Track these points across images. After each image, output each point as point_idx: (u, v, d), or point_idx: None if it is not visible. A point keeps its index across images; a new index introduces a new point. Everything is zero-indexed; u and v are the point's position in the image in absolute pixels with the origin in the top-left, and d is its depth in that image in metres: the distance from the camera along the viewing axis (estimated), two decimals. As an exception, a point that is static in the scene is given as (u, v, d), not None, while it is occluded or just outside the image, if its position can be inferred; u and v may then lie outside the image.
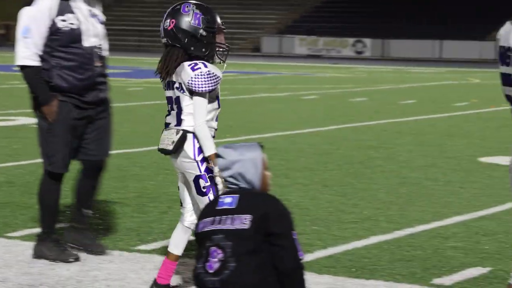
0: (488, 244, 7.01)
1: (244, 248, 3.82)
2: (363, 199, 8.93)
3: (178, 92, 5.37)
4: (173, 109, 5.42)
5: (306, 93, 23.53)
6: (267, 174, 4.08)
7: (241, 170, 4.00)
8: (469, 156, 12.12)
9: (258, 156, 4.03)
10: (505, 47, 3.88)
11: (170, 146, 5.35)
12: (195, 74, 5.28)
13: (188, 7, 5.45)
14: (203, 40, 5.38)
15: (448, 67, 40.68)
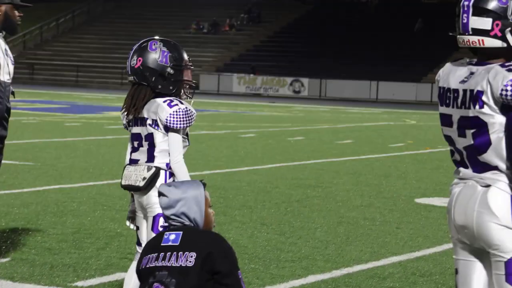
0: (424, 285, 7.10)
1: (187, 286, 3.82)
2: (301, 237, 8.98)
3: (151, 129, 5.34)
4: (141, 146, 5.38)
5: (244, 131, 23.61)
6: (210, 212, 4.08)
7: (184, 208, 3.99)
8: (406, 196, 12.28)
9: (200, 194, 4.02)
10: (444, 88, 3.97)
11: (141, 183, 5.31)
12: (173, 111, 5.27)
13: (155, 45, 5.41)
14: (171, 78, 5.37)
15: (384, 108, 41.23)
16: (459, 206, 3.90)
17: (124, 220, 9.51)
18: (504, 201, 3.78)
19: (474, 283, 3.94)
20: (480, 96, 3.81)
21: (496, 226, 3.77)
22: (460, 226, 3.91)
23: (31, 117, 25.91)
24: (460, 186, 3.93)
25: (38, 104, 33.03)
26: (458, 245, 3.99)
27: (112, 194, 11.01)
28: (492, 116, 3.80)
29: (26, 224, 9.20)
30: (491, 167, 3.83)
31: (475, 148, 3.85)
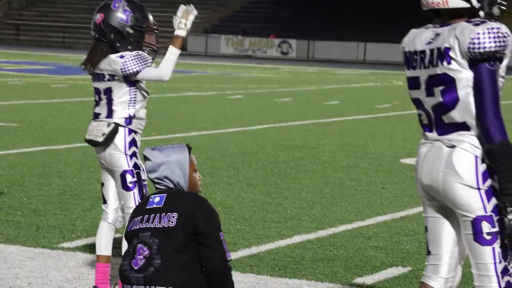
0: (408, 244, 7.15)
1: (170, 246, 3.84)
2: (287, 198, 9.01)
3: (108, 83, 5.36)
4: (101, 99, 5.42)
5: (232, 92, 23.58)
6: (195, 176, 4.07)
7: (167, 172, 4.00)
8: (391, 157, 12.32)
9: (184, 158, 4.01)
10: (411, 52, 4.03)
11: (100, 138, 5.32)
12: (125, 60, 5.31)
13: (119, 3, 5.43)
14: (130, 38, 5.38)
15: (372, 69, 41.21)
16: (426, 167, 3.94)
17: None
18: (469, 161, 3.82)
19: (443, 240, 3.99)
20: (447, 52, 3.85)
21: (461, 186, 3.82)
22: (426, 185, 3.96)
23: (17, 78, 25.79)
24: (427, 147, 3.97)
25: (24, 65, 32.86)
26: (426, 203, 4.03)
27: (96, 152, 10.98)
28: (460, 72, 3.84)
29: (11, 185, 9.19)
30: (457, 128, 3.86)
31: (443, 106, 3.88)
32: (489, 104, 3.78)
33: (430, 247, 4.05)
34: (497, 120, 3.77)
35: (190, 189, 4.03)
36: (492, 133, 3.76)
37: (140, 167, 5.40)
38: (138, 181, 5.36)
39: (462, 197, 3.82)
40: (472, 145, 3.83)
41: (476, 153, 3.82)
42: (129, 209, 5.39)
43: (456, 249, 4.00)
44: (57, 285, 5.76)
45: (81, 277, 5.97)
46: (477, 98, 3.80)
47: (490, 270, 3.84)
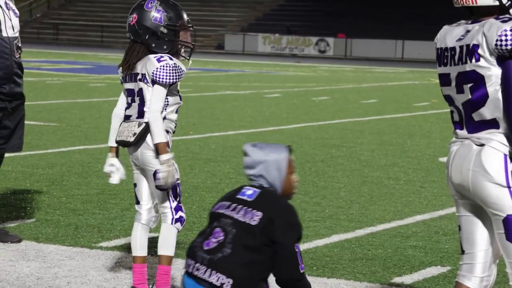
0: (447, 244, 7.09)
1: (245, 241, 3.83)
2: (325, 197, 8.98)
3: (141, 84, 5.34)
4: (134, 101, 5.40)
5: (269, 91, 23.57)
6: (292, 178, 4.00)
7: (263, 171, 3.95)
8: (430, 155, 12.24)
9: (283, 159, 3.96)
10: (442, 48, 4.01)
11: (131, 138, 5.31)
12: (160, 65, 5.27)
13: (152, 3, 5.41)
14: (164, 38, 5.36)
15: (409, 67, 40.97)
16: (456, 165, 3.92)
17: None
18: (498, 159, 3.79)
19: (477, 239, 3.95)
20: (476, 49, 3.83)
21: (491, 185, 3.79)
22: (457, 184, 3.93)
23: (56, 78, 26.00)
24: (457, 145, 3.95)
25: (63, 65, 33.12)
26: (458, 202, 4.00)
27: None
28: (489, 69, 3.81)
29: (50, 185, 9.26)
30: (487, 125, 3.83)
31: (472, 103, 3.86)
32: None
33: (464, 246, 4.01)
34: None
35: (285, 190, 3.97)
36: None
37: (174, 165, 5.38)
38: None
39: (492, 195, 3.79)
40: (501, 143, 3.80)
41: (505, 151, 3.80)
42: (164, 208, 5.37)
43: (490, 247, 3.96)
44: (96, 284, 5.79)
45: (119, 276, 6.00)
46: (504, 94, 3.78)
47: None
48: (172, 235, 5.36)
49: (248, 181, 4.02)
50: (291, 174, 3.98)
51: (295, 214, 3.90)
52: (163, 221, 5.39)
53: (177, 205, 5.35)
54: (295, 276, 3.84)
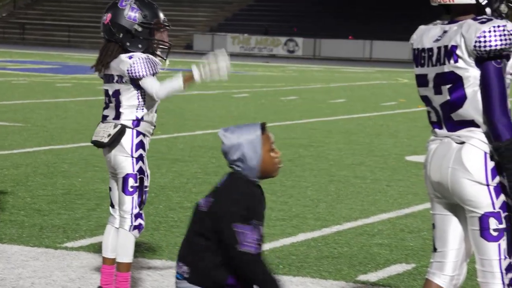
0: (413, 241, 7.12)
1: (197, 228, 3.82)
2: (292, 196, 8.99)
3: (117, 85, 5.29)
4: (110, 102, 5.34)
5: (238, 91, 23.57)
6: (271, 155, 3.82)
7: (240, 155, 3.81)
8: (396, 154, 12.29)
9: (256, 138, 3.80)
10: (419, 49, 4.00)
11: (106, 139, 5.24)
12: (132, 62, 5.21)
13: (126, 1, 5.33)
14: (139, 36, 5.30)
15: (377, 67, 41.14)
16: (435, 163, 3.92)
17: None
18: (478, 157, 3.80)
19: (450, 237, 3.97)
20: (454, 50, 3.83)
21: (470, 183, 3.80)
22: (435, 182, 3.93)
23: (22, 78, 25.81)
24: (436, 143, 3.95)
25: (29, 65, 32.88)
26: (434, 200, 4.01)
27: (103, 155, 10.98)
28: (467, 70, 3.81)
29: (15, 185, 9.18)
30: (466, 124, 3.84)
31: (451, 104, 3.86)
32: (496, 102, 3.75)
33: (436, 244, 4.02)
34: (505, 118, 3.75)
35: (265, 170, 3.83)
36: (500, 131, 3.74)
37: (145, 173, 5.31)
38: (139, 186, 5.28)
39: (471, 193, 3.80)
40: (481, 141, 3.81)
41: (485, 149, 3.80)
42: (124, 213, 5.29)
43: (463, 247, 3.98)
44: (60, 285, 5.74)
45: (85, 276, 5.96)
46: (484, 96, 3.78)
47: (494, 266, 3.81)
48: (130, 242, 5.29)
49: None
50: (268, 151, 3.83)
51: (240, 195, 3.78)
52: (121, 226, 5.31)
53: (138, 212, 5.29)
54: (235, 255, 3.73)
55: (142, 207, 5.31)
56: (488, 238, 3.79)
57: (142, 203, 5.30)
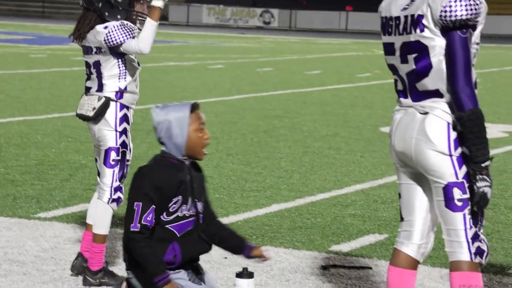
0: (386, 212, 7.16)
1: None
2: (266, 167, 9.01)
3: (96, 57, 5.27)
4: (92, 73, 5.32)
5: (213, 62, 23.50)
6: (198, 135, 3.88)
7: (166, 131, 3.85)
8: (371, 126, 12.33)
9: (183, 116, 3.85)
10: (386, 17, 4.02)
11: (91, 113, 5.24)
12: (108, 30, 5.18)
13: None
14: (118, 6, 5.26)
15: (353, 38, 41.14)
16: (399, 133, 3.94)
17: (89, 152, 9.48)
18: (441, 128, 3.82)
19: (416, 206, 4.00)
20: (420, 20, 3.84)
21: (433, 153, 3.82)
22: (400, 152, 3.96)
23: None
24: (401, 113, 3.97)
25: (3, 35, 32.57)
26: (399, 170, 4.04)
27: (77, 126, 10.95)
28: (433, 39, 3.83)
29: (-11, 156, 9.14)
30: (430, 94, 3.86)
31: (416, 73, 3.88)
32: (460, 72, 3.77)
33: (403, 213, 4.06)
34: (468, 88, 3.76)
35: (191, 149, 3.88)
36: (463, 101, 3.76)
37: (128, 146, 5.31)
38: (121, 160, 5.29)
39: (434, 163, 3.83)
40: (445, 112, 3.83)
41: (448, 120, 3.82)
42: (104, 185, 5.29)
43: (429, 215, 4.01)
44: (33, 254, 5.74)
45: (57, 246, 5.96)
46: (448, 66, 3.80)
47: (460, 236, 3.85)
48: (107, 214, 5.29)
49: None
50: (196, 131, 3.87)
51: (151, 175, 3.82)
52: (100, 197, 5.30)
53: (118, 185, 5.29)
54: (126, 235, 3.81)
55: (123, 181, 5.32)
56: (453, 208, 3.83)
57: (123, 176, 5.31)
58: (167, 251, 3.84)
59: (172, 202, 3.84)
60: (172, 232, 3.86)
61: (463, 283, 3.84)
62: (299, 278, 5.41)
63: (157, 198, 3.80)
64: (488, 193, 3.77)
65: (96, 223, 5.28)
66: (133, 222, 3.78)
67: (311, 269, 5.60)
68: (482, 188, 3.76)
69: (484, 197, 3.77)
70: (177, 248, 3.85)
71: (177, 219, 3.86)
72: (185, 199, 3.88)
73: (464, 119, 3.74)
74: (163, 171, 3.85)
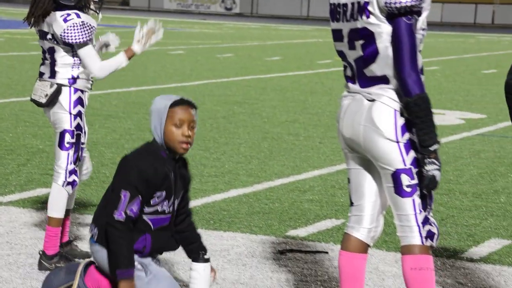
0: (343, 197, 7.21)
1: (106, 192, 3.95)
2: (225, 153, 9.02)
3: (50, 43, 5.23)
4: (46, 59, 5.29)
5: (173, 48, 23.42)
6: (174, 131, 3.86)
7: (152, 121, 3.90)
8: (330, 112, 12.39)
9: (163, 109, 3.86)
10: (335, 4, 4.03)
11: (43, 99, 5.22)
12: (67, 26, 5.13)
13: None
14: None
15: (314, 25, 41.21)
16: (347, 120, 3.98)
17: (46, 136, 9.42)
18: (388, 115, 3.86)
19: (365, 191, 4.04)
20: (366, 6, 3.87)
21: (381, 140, 3.86)
22: (348, 138, 3.99)
23: (-46, 33, 25.28)
24: (349, 99, 4.00)
25: (-39, 20, 32.19)
26: (348, 155, 4.07)
27: (35, 110, 10.87)
28: (379, 26, 3.86)
29: None
30: (378, 81, 3.90)
31: (364, 59, 3.91)
32: (406, 58, 3.80)
33: (352, 198, 4.10)
34: (414, 73, 3.80)
35: (168, 142, 3.88)
36: (410, 86, 3.79)
37: (82, 129, 5.29)
38: (76, 142, 5.27)
39: (382, 150, 3.87)
40: (391, 99, 3.87)
41: (394, 107, 3.86)
42: (59, 168, 5.26)
43: (378, 199, 4.05)
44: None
45: (13, 231, 5.93)
46: (395, 52, 3.83)
47: (411, 220, 3.90)
48: (62, 197, 5.27)
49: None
50: (171, 126, 3.87)
51: (133, 158, 3.85)
52: (55, 181, 5.28)
53: (73, 168, 5.28)
54: (108, 219, 3.81)
55: (78, 164, 5.31)
56: (402, 194, 3.87)
57: (78, 159, 5.30)
58: (139, 239, 3.87)
59: (155, 196, 3.86)
60: (147, 224, 3.87)
61: (414, 265, 3.89)
62: (256, 263, 5.44)
63: (144, 190, 3.82)
64: (437, 176, 3.81)
65: (51, 206, 5.26)
66: (118, 210, 3.79)
67: (268, 254, 5.63)
68: (431, 171, 3.80)
69: (433, 180, 3.80)
70: (149, 240, 3.88)
71: (156, 213, 3.88)
72: (168, 195, 3.90)
73: (411, 104, 3.78)
74: (151, 163, 3.85)
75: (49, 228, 5.27)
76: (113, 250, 3.80)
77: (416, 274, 3.87)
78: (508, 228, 6.39)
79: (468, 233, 6.23)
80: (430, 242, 3.90)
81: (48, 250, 5.24)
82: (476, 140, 10.35)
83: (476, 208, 6.96)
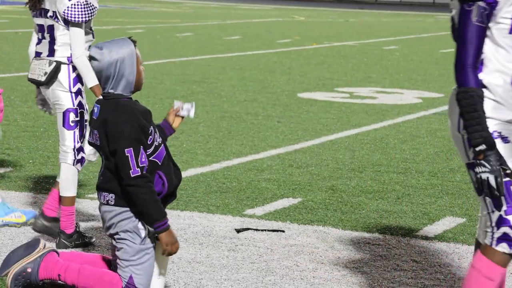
0: (300, 176, 7.25)
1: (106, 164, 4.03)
2: (183, 132, 9.01)
3: (51, 21, 5.21)
4: (44, 38, 5.27)
5: (132, 27, 23.27)
6: (142, 68, 4.02)
7: (118, 70, 3.91)
8: (289, 91, 12.41)
9: (132, 52, 3.95)
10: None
11: (43, 78, 5.20)
12: (71, 4, 5.13)
13: None
14: None
15: (274, 4, 41.15)
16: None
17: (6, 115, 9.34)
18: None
19: None
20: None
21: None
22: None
23: None
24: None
25: None
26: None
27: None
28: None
29: None
30: None
31: None
32: (461, 47, 3.46)
33: None
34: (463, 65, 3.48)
35: (138, 82, 4.00)
36: (456, 78, 3.50)
37: (84, 107, 5.29)
38: (80, 120, 5.27)
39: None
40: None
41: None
42: (66, 147, 5.27)
43: None
44: None
45: None
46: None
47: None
48: (73, 176, 5.30)
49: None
50: (140, 64, 4.02)
51: (127, 118, 3.90)
52: (64, 160, 5.29)
53: (80, 146, 5.30)
54: (126, 181, 3.91)
55: (83, 141, 5.31)
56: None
57: (83, 136, 5.30)
58: (155, 181, 3.98)
59: (150, 134, 3.97)
60: (155, 162, 3.99)
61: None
62: (212, 242, 5.46)
63: (141, 136, 3.92)
64: (488, 179, 3.44)
65: (64, 186, 5.29)
66: (132, 168, 3.88)
67: (225, 233, 5.65)
68: (479, 174, 3.46)
69: (483, 184, 3.46)
70: (163, 175, 4.00)
71: (156, 149, 4.00)
72: (154, 128, 4.02)
73: (457, 98, 3.50)
74: (131, 111, 3.94)
75: (64, 208, 5.30)
76: (143, 207, 3.91)
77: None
78: (463, 206, 6.47)
79: (424, 211, 6.30)
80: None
81: (67, 229, 5.29)
82: (433, 119, 10.44)
83: (432, 187, 7.03)
